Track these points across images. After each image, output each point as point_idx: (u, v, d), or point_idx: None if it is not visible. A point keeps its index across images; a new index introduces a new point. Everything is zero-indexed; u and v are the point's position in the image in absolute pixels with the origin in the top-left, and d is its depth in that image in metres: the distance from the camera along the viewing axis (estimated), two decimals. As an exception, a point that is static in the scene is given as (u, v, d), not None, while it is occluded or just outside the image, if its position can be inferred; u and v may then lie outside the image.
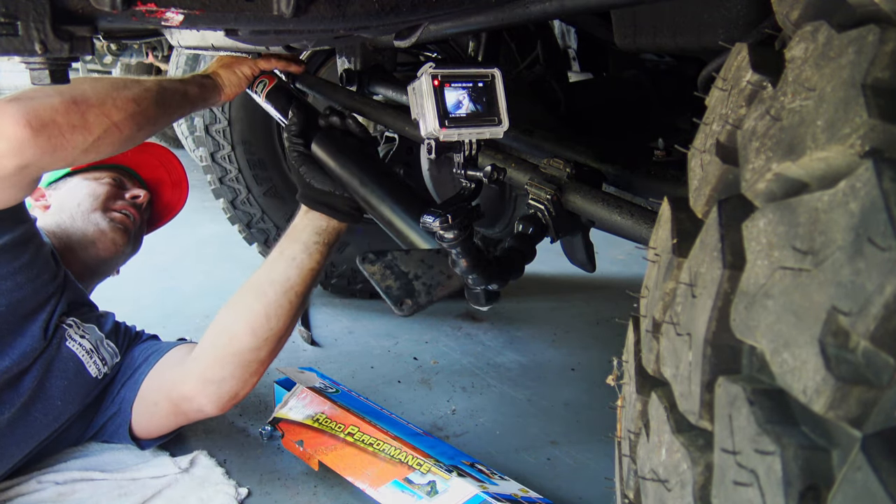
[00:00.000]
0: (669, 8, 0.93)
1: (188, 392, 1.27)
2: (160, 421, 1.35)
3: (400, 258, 1.06)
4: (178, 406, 1.30)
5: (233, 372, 1.25)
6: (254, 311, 1.24)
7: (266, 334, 1.24)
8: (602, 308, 2.36)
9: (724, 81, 0.49)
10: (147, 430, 1.37)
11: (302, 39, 1.14)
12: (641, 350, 0.53)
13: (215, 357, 1.25)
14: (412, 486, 1.20)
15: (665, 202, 0.52)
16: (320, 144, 1.30)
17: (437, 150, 0.85)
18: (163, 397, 1.31)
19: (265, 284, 1.26)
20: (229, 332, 1.25)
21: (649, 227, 0.89)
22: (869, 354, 0.31)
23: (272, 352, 1.27)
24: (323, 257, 1.28)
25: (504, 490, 1.21)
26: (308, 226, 1.28)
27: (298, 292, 1.26)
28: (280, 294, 1.24)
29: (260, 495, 1.30)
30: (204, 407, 1.28)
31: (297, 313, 1.27)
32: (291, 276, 1.25)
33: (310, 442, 1.35)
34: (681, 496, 0.42)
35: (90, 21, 0.66)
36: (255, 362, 1.26)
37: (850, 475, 0.30)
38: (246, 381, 1.27)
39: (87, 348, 1.34)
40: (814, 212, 0.35)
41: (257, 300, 1.25)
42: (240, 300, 1.28)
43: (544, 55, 1.62)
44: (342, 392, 1.53)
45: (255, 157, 2.15)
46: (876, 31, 0.34)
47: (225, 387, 1.26)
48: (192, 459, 1.36)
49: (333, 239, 1.29)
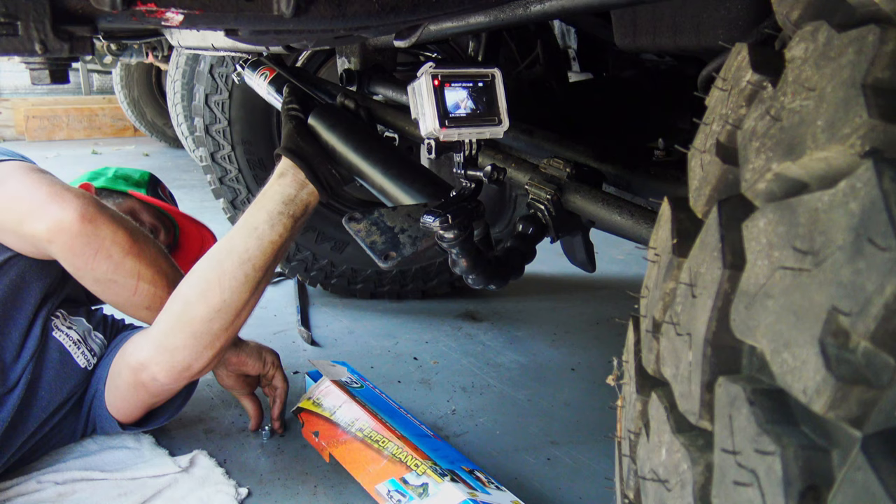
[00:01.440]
0: (669, 8, 0.93)
1: (143, 358, 1.25)
2: (125, 394, 1.32)
3: (386, 214, 1.04)
4: (136, 375, 1.28)
5: (185, 341, 1.22)
6: (208, 280, 1.20)
7: (219, 305, 1.20)
8: (602, 308, 2.36)
9: (724, 81, 0.49)
10: (116, 408, 1.35)
11: (302, 39, 1.14)
12: (641, 350, 0.53)
13: (169, 324, 1.23)
14: (406, 487, 1.21)
15: (665, 202, 0.52)
16: (317, 114, 1.28)
17: (438, 150, 0.85)
18: (124, 365, 1.30)
19: (223, 253, 1.22)
20: (183, 298, 1.22)
21: (649, 227, 0.89)
22: (869, 354, 0.31)
23: (226, 326, 1.22)
24: (287, 231, 1.22)
25: (495, 500, 1.21)
26: (277, 192, 1.23)
27: (256, 265, 1.21)
28: (236, 265, 1.20)
29: (260, 495, 1.30)
30: (157, 375, 1.24)
31: (254, 287, 1.22)
32: (250, 248, 1.20)
33: (324, 434, 1.39)
34: (681, 496, 0.42)
35: (90, 21, 0.67)
36: (208, 334, 1.21)
37: (851, 475, 0.30)
38: (199, 354, 1.23)
39: (74, 339, 1.34)
40: (814, 212, 0.35)
41: (212, 269, 1.21)
42: (198, 267, 1.24)
43: (544, 55, 1.62)
44: (366, 388, 1.56)
45: (255, 157, 2.15)
46: (876, 31, 0.34)
47: (178, 356, 1.22)
48: (191, 459, 1.36)
49: (300, 212, 1.23)
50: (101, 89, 8.90)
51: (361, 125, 1.32)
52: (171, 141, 6.38)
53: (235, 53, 1.45)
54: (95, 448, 1.39)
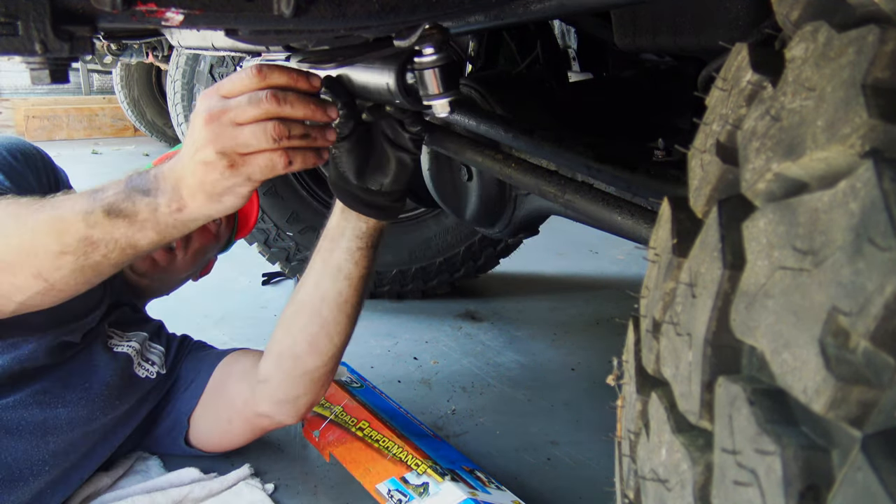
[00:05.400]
0: (669, 8, 0.93)
1: (264, 411, 1.27)
2: (236, 437, 1.35)
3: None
4: (254, 423, 1.31)
5: (305, 389, 1.24)
6: (313, 334, 1.19)
7: (330, 352, 1.21)
8: (602, 308, 2.36)
9: (724, 81, 0.49)
10: (220, 444, 1.37)
11: (302, 39, 1.14)
12: (641, 350, 0.53)
13: (283, 380, 1.23)
14: (407, 486, 1.21)
15: (665, 202, 0.52)
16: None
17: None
18: (236, 415, 1.31)
19: (317, 302, 1.17)
20: (292, 355, 1.21)
21: (649, 227, 0.89)
22: (869, 354, 0.31)
23: (338, 359, 1.25)
24: (370, 262, 1.16)
25: (496, 500, 1.21)
26: (346, 229, 1.14)
27: (353, 304, 1.18)
28: (335, 311, 1.17)
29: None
30: (284, 421, 1.29)
31: (355, 321, 1.22)
32: (343, 291, 1.16)
33: (325, 433, 1.40)
34: (681, 496, 0.42)
35: (90, 21, 0.66)
36: (325, 375, 1.24)
37: (851, 475, 0.30)
38: (319, 391, 1.26)
39: (135, 349, 1.34)
40: (814, 212, 0.35)
41: (312, 321, 1.18)
42: (294, 321, 1.20)
43: (544, 55, 1.62)
44: (366, 388, 1.57)
45: (255, 157, 2.15)
46: (876, 31, 0.34)
47: (301, 402, 1.25)
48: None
49: (376, 240, 1.16)
50: (101, 89, 8.90)
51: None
52: (172, 141, 6.37)
53: (235, 53, 1.44)
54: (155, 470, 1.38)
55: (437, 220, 2.30)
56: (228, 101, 0.86)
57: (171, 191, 0.89)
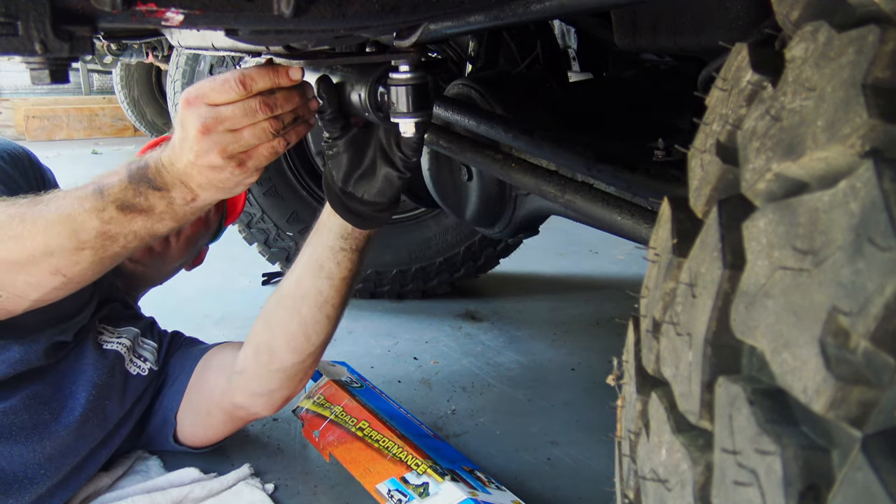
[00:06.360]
0: (669, 8, 0.93)
1: (240, 402, 1.27)
2: (217, 429, 1.36)
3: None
4: (232, 414, 1.31)
5: (280, 384, 1.24)
6: (291, 331, 1.18)
7: (308, 349, 1.20)
8: (602, 308, 2.36)
9: (724, 81, 0.49)
10: (204, 438, 1.37)
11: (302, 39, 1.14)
12: (641, 350, 0.53)
13: (259, 373, 1.23)
14: (407, 486, 1.21)
15: (665, 202, 0.52)
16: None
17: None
18: (214, 406, 1.31)
19: (297, 300, 1.16)
20: (269, 349, 1.21)
21: (649, 227, 0.89)
22: (869, 354, 0.31)
23: (317, 358, 1.25)
24: (354, 265, 1.15)
25: (495, 500, 1.21)
26: (332, 226, 1.13)
27: (334, 304, 1.17)
28: (315, 310, 1.16)
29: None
30: (259, 413, 1.29)
31: (335, 322, 1.20)
32: (324, 290, 1.15)
33: (325, 433, 1.39)
34: (681, 496, 0.42)
35: (90, 21, 0.66)
36: (301, 371, 1.24)
37: (851, 475, 0.30)
38: (296, 386, 1.27)
39: (126, 346, 1.33)
40: (814, 212, 0.35)
41: (292, 319, 1.17)
42: (274, 315, 1.20)
43: (544, 55, 1.62)
44: (366, 388, 1.57)
45: (255, 157, 2.15)
46: (876, 31, 0.34)
47: (276, 396, 1.26)
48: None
49: (361, 244, 1.14)
50: (101, 89, 8.91)
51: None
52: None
53: (235, 53, 1.44)
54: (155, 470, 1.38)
55: (437, 220, 2.30)
56: (220, 111, 0.89)
57: (180, 185, 0.94)
